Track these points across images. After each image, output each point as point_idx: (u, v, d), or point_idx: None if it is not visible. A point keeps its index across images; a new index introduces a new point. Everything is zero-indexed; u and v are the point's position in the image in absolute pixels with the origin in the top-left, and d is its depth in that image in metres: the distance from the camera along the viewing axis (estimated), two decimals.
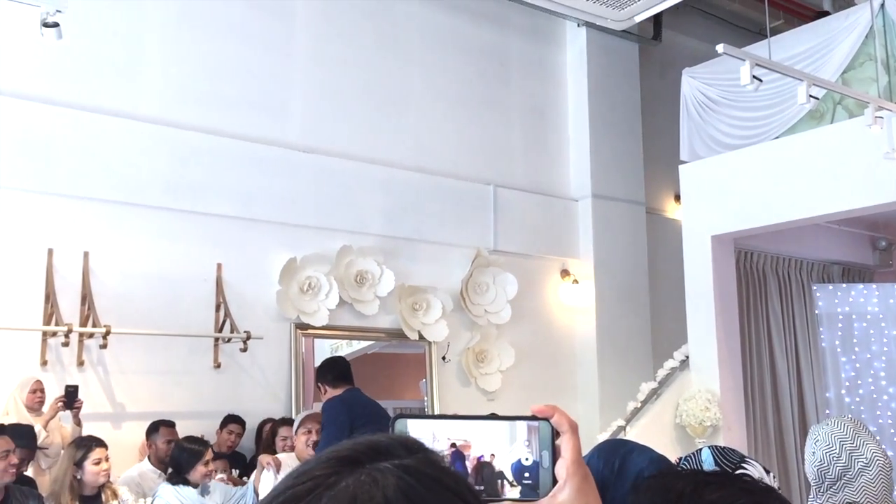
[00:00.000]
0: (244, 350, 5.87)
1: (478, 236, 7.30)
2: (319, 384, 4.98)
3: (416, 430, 0.89)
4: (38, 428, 4.62)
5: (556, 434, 0.91)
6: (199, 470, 4.27)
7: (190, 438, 4.54)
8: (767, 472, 2.01)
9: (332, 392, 4.82)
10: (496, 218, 7.42)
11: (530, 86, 7.97)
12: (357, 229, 6.64)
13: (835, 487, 2.39)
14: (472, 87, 7.56)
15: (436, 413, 6.76)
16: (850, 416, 2.59)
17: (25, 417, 4.71)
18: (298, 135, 6.52)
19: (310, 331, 6.39)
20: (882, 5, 5.91)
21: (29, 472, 4.51)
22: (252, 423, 5.77)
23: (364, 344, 6.90)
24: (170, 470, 4.43)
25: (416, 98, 7.21)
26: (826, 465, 2.43)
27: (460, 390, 7.05)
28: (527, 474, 0.90)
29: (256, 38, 6.45)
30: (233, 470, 5.33)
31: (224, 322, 5.89)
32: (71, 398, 4.79)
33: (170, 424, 5.12)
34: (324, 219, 6.50)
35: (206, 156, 6.03)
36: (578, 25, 8.05)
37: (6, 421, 4.48)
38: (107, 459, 4.23)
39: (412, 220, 6.95)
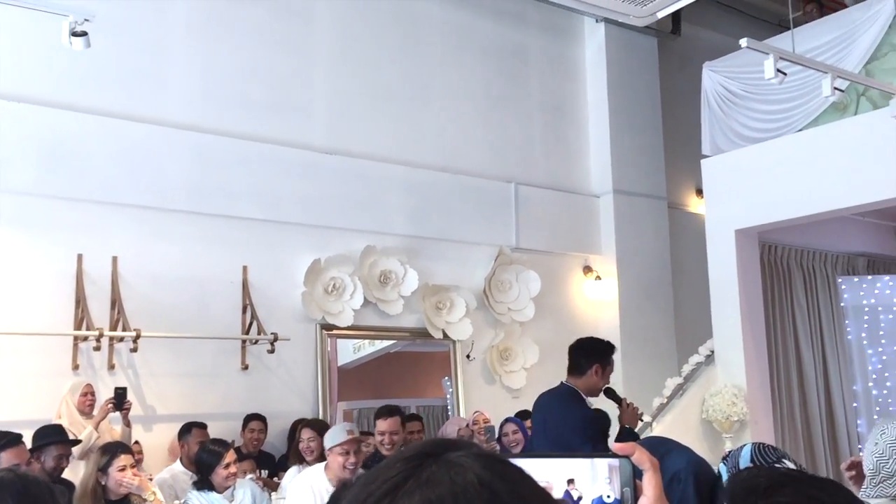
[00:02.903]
0: (271, 351, 5.91)
1: (500, 234, 7.31)
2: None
3: None
4: (89, 430, 4.67)
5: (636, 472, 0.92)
6: (220, 472, 4.25)
7: (213, 441, 4.55)
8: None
9: None
10: (518, 215, 7.43)
11: (550, 83, 7.97)
12: (380, 229, 6.67)
13: (889, 481, 2.39)
14: (492, 85, 7.57)
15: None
16: None
17: (77, 420, 4.77)
18: (321, 136, 6.56)
19: (335, 331, 6.43)
20: None
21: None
22: (282, 424, 5.82)
23: (387, 343, 6.94)
24: (196, 475, 4.43)
25: (437, 97, 7.23)
26: (886, 457, 2.44)
27: (485, 388, 7.06)
28: None
29: (279, 42, 6.50)
30: (261, 470, 5.36)
31: (251, 324, 5.94)
32: (120, 400, 4.86)
33: (202, 426, 5.17)
34: (347, 220, 6.54)
35: (230, 159, 6.08)
36: (597, 21, 8.03)
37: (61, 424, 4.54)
38: (132, 466, 4.12)
39: (435, 220, 6.97)
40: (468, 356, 6.97)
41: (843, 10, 6.66)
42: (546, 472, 0.91)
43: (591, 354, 4.20)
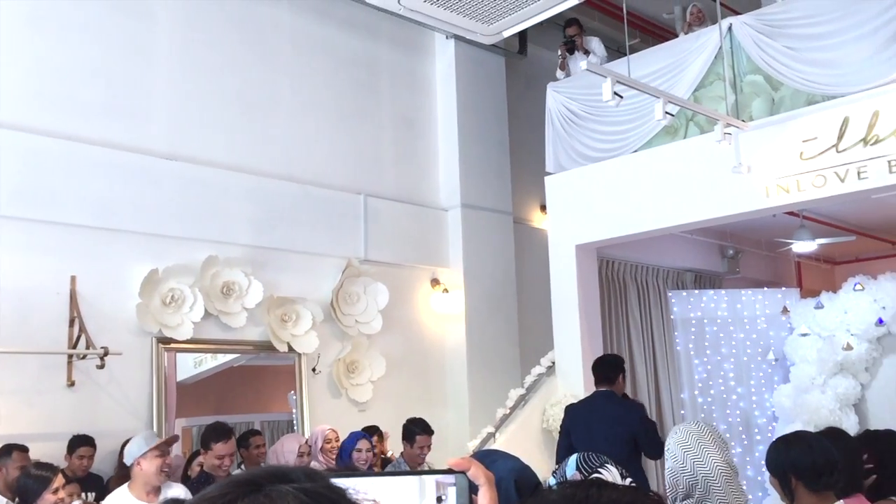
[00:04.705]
0: (101, 367, 5.56)
1: (348, 246, 7.25)
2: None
3: None
4: None
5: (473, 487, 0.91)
6: (48, 499, 3.96)
7: (38, 464, 4.23)
8: (624, 476, 2.07)
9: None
10: (367, 227, 7.40)
11: (400, 96, 8.00)
12: (223, 239, 6.45)
13: (689, 501, 2.43)
14: (342, 95, 7.51)
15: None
16: (697, 422, 2.64)
17: None
18: (161, 141, 6.27)
19: (173, 345, 6.14)
20: (730, 28, 6.31)
21: None
22: (112, 444, 5.47)
23: (230, 356, 6.71)
24: (17, 501, 4.10)
25: (285, 106, 7.10)
26: (675, 473, 2.48)
27: (331, 402, 6.96)
28: None
29: (115, 41, 6.17)
30: (88, 493, 5.03)
31: (79, 338, 5.57)
32: None
33: (23, 449, 4.78)
34: (188, 228, 6.28)
35: (59, 162, 5.70)
36: (447, 38, 8.16)
37: None
38: None
39: (281, 230, 6.82)
40: (314, 369, 6.85)
41: (675, 40, 7.08)
42: (374, 490, 0.88)
43: (616, 367, 5.38)
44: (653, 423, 5.32)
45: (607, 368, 5.37)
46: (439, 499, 0.90)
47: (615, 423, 5.05)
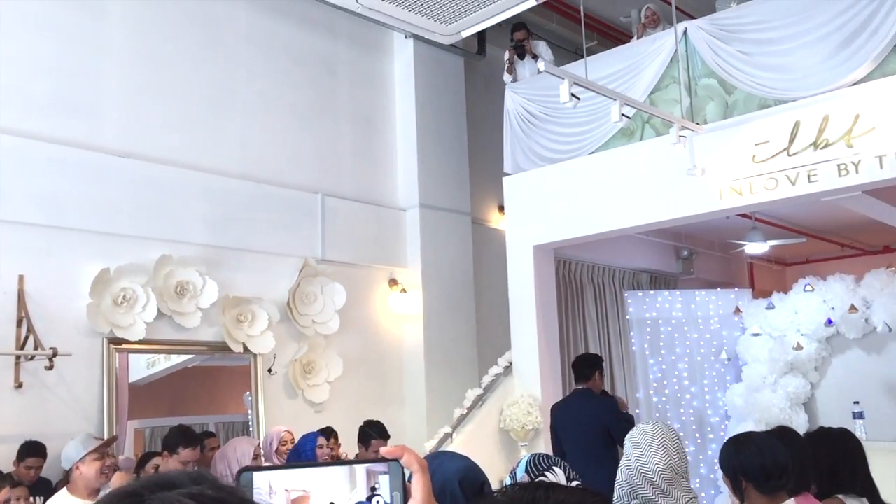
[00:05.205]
0: (50, 368, 5.43)
1: (305, 245, 7.19)
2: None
3: (259, 482, 0.87)
4: None
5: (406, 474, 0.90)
6: None
7: None
8: (570, 479, 2.07)
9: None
10: (324, 227, 7.34)
11: (359, 95, 7.96)
12: (177, 238, 6.34)
13: (636, 502, 2.44)
14: (300, 94, 7.45)
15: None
16: (655, 422, 2.65)
17: None
18: (113, 138, 6.14)
19: (124, 345, 6.02)
20: (685, 32, 6.39)
21: None
22: (61, 447, 5.33)
23: (185, 357, 6.60)
24: None
25: (241, 103, 7.01)
26: (621, 470, 2.50)
27: (287, 403, 6.90)
28: None
29: (68, 36, 6.03)
30: (36, 498, 4.91)
31: (27, 338, 5.43)
32: None
33: None
34: (141, 227, 6.16)
35: (7, 158, 5.55)
36: (406, 37, 8.13)
37: None
38: None
39: (237, 229, 6.74)
40: (270, 370, 6.77)
41: (631, 43, 7.15)
42: (304, 482, 0.87)
43: (592, 365, 5.68)
44: (628, 416, 5.57)
45: (584, 366, 5.68)
46: (373, 488, 0.89)
47: (589, 417, 5.37)
